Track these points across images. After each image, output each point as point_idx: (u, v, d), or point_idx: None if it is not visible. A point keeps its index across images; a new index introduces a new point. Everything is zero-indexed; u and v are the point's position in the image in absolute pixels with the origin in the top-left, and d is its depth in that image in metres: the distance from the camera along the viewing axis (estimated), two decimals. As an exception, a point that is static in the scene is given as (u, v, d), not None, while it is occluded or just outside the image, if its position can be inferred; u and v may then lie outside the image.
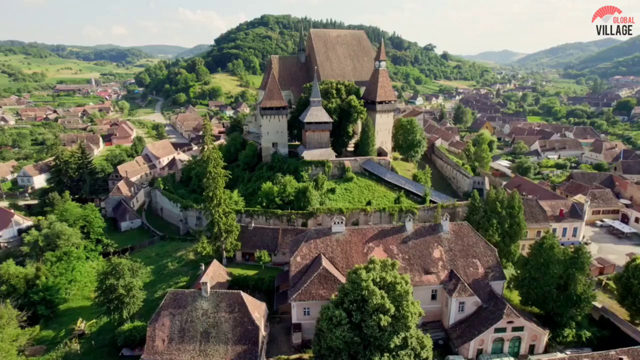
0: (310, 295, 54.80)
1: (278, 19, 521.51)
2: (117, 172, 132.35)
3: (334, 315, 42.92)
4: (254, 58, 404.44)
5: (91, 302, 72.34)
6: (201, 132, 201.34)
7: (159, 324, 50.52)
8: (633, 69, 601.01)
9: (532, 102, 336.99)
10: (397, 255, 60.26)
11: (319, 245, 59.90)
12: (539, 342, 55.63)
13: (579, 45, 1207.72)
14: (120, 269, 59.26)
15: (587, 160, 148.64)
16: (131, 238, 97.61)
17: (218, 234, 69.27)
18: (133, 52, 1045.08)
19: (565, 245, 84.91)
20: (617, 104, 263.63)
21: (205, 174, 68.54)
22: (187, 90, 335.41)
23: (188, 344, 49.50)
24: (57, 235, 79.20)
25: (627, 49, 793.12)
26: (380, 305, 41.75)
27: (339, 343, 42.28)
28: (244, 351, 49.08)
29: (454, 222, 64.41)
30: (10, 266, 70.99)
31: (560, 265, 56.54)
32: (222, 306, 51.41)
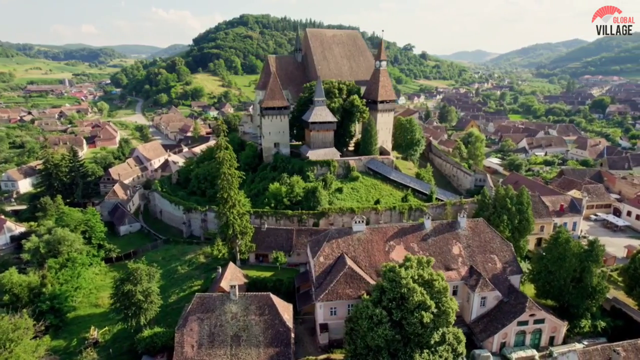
0: (337, 295, 54.71)
1: (257, 18, 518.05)
2: (108, 175, 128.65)
3: (374, 314, 43.01)
4: (236, 58, 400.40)
5: (101, 310, 70.46)
6: (189, 133, 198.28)
7: (187, 330, 49.45)
8: (601, 69, 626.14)
9: (510, 101, 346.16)
10: (418, 252, 60.74)
11: (341, 244, 59.85)
12: (559, 333, 57.26)
13: (548, 45, 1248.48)
14: (138, 274, 57.61)
15: (573, 157, 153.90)
16: (131, 242, 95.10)
17: (233, 235, 68.28)
18: (106, 52, 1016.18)
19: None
20: (593, 103, 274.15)
21: (219, 176, 67.42)
22: (168, 91, 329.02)
23: (218, 348, 48.62)
24: (59, 241, 76.36)
25: (594, 50, 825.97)
26: (421, 302, 42.13)
27: (380, 341, 42.41)
28: (277, 353, 48.60)
29: (470, 219, 65.38)
30: (12, 275, 68.02)
31: (576, 259, 58.34)
32: (252, 309, 50.77)
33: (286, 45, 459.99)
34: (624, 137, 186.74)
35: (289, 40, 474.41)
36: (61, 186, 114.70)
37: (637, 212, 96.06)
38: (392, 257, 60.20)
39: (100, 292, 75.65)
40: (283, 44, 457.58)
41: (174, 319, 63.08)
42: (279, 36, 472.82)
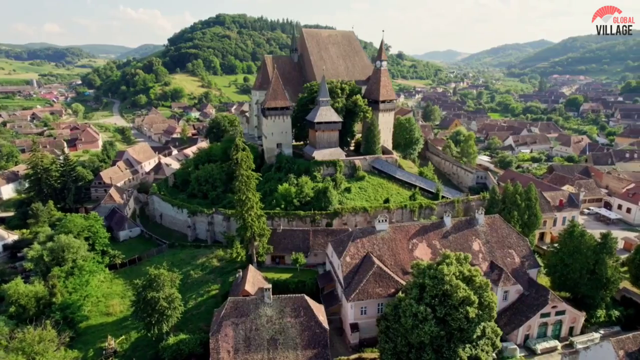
0: (368, 294, 54.95)
1: (234, 18, 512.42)
2: (99, 179, 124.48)
3: (418, 311, 43.40)
4: (214, 58, 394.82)
5: (113, 318, 68.29)
6: (176, 134, 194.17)
7: (222, 335, 48.53)
8: (568, 69, 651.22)
9: (488, 100, 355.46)
10: (440, 250, 61.70)
11: (366, 244, 60.11)
12: (577, 324, 59.36)
13: (517, 46, 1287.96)
14: (161, 280, 56.12)
15: (557, 154, 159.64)
16: (132, 248, 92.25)
17: (251, 237, 67.42)
18: (73, 52, 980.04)
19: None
20: (567, 101, 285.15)
21: (237, 177, 66.41)
22: (146, 92, 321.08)
23: (255, 353, 47.95)
24: (62, 248, 73.29)
25: (560, 50, 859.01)
26: (465, 298, 42.83)
27: (425, 338, 42.87)
28: (315, 355, 48.34)
29: (487, 215, 66.85)
30: (19, 285, 64.93)
31: (591, 251, 60.61)
32: (287, 311, 50.30)
33: (265, 45, 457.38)
34: (601, 134, 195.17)
35: (267, 40, 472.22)
36: (52, 191, 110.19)
37: (628, 206, 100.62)
38: (415, 255, 60.98)
39: (108, 299, 73.18)
40: (262, 44, 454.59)
41: (195, 324, 62.05)
42: (257, 36, 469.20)
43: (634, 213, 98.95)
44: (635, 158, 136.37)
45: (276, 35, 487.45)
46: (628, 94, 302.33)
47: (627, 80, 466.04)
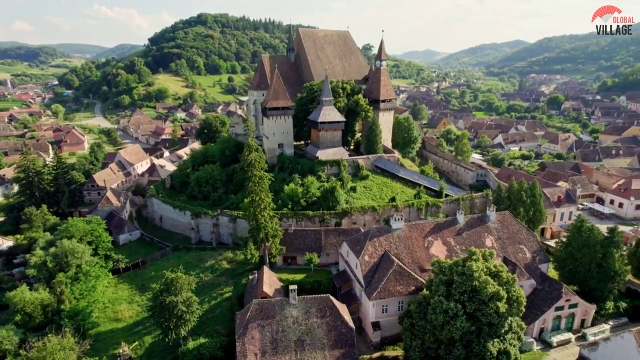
0: (389, 292, 55.28)
1: (216, 18, 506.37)
2: (92, 182, 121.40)
3: (449, 308, 43.88)
4: (198, 58, 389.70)
5: (123, 324, 66.70)
6: (165, 135, 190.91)
7: (249, 338, 48.03)
8: (545, 68, 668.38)
9: (471, 99, 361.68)
10: (455, 247, 62.68)
11: (383, 243, 60.42)
12: (589, 316, 61.08)
13: (494, 46, 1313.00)
14: (180, 284, 55.14)
15: (546, 151, 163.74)
16: (134, 252, 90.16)
17: (265, 239, 66.90)
18: (46, 52, 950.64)
19: (563, 228, 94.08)
20: (549, 100, 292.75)
21: (250, 178, 65.81)
22: (130, 93, 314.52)
23: (283, 355, 47.62)
24: (67, 254, 71.16)
25: (536, 50, 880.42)
26: (495, 294, 43.53)
27: (457, 334, 43.39)
28: (343, 355, 48.33)
29: (498, 212, 67.98)
30: (25, 293, 62.79)
31: (599, 245, 62.43)
32: (313, 312, 50.16)
33: (248, 45, 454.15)
34: (584, 132, 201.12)
35: (251, 40, 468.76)
36: (45, 195, 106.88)
37: (619, 201, 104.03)
38: (432, 252, 61.63)
39: (115, 305, 71.41)
40: (245, 44, 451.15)
41: (212, 328, 61.30)
42: (240, 36, 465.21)
43: (626, 208, 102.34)
44: (621, 155, 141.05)
45: (260, 35, 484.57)
46: (605, 93, 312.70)
47: (602, 79, 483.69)
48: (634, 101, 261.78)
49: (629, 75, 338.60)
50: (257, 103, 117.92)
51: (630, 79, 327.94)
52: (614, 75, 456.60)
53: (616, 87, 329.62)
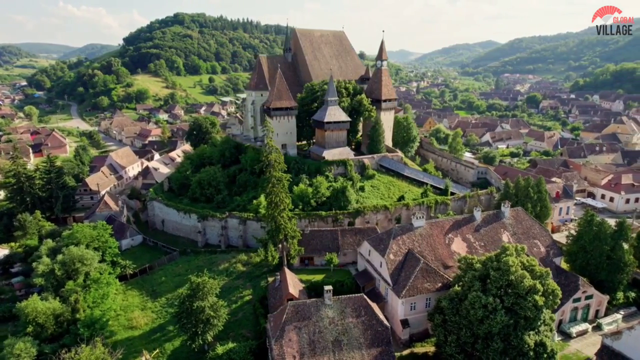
0: (417, 290, 55.84)
1: (193, 17, 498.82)
2: (85, 186, 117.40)
3: (488, 302, 44.70)
4: (177, 58, 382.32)
5: (139, 331, 64.90)
6: (152, 137, 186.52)
7: (286, 340, 47.57)
8: (517, 68, 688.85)
9: (451, 98, 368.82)
10: (474, 243, 63.93)
11: (406, 241, 60.97)
12: (602, 306, 63.45)
13: (466, 46, 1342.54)
14: (207, 289, 54.12)
15: (532, 149, 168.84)
16: (138, 257, 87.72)
17: (284, 239, 66.39)
18: (10, 51, 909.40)
19: (562, 222, 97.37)
20: (527, 99, 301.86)
21: (268, 179, 65.16)
22: (108, 94, 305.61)
23: (321, 355, 47.38)
24: (74, 261, 68.60)
25: (507, 51, 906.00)
26: (532, 287, 44.63)
27: (496, 328, 44.25)
28: (380, 353, 48.48)
29: (512, 208, 69.61)
30: (36, 302, 60.19)
31: (609, 237, 64.93)
32: (348, 311, 50.07)
33: (227, 45, 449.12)
34: (565, 129, 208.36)
35: (230, 39, 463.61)
36: (36, 200, 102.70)
37: (611, 195, 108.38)
38: (453, 249, 62.65)
39: (128, 312, 69.38)
40: (224, 44, 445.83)
41: (237, 332, 60.35)
42: (219, 36, 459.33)
43: (617, 202, 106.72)
44: (604, 151, 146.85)
45: (239, 35, 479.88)
46: (579, 92, 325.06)
47: (572, 79, 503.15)
48: (606, 100, 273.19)
49: (599, 75, 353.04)
50: (256, 103, 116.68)
51: (601, 78, 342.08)
52: (583, 75, 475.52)
53: (587, 86, 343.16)
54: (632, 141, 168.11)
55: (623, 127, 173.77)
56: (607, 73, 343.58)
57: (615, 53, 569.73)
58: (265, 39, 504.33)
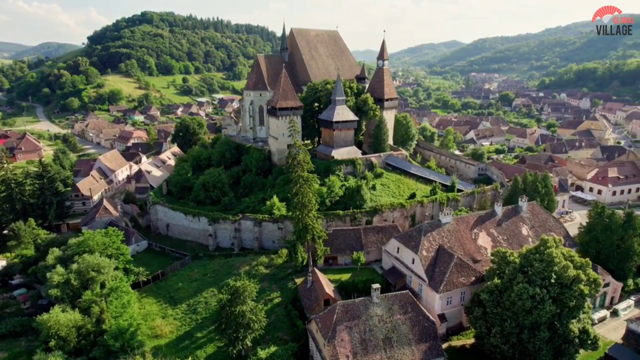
0: (454, 284, 57.06)
1: (162, 16, 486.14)
2: (76, 191, 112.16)
3: (535, 293, 46.25)
4: (149, 58, 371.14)
5: (165, 340, 62.93)
6: (136, 139, 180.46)
7: (338, 340, 47.53)
8: (483, 67, 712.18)
9: (425, 97, 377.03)
10: (497, 237, 65.90)
11: (436, 237, 62.05)
12: (617, 293, 66.96)
13: (432, 45, 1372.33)
14: (247, 292, 53.17)
15: (515, 145, 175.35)
16: (146, 263, 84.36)
17: (312, 240, 66.04)
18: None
19: (559, 215, 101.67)
20: (500, 97, 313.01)
21: (295, 179, 64.62)
22: (78, 95, 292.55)
23: (373, 354, 47.71)
24: (88, 270, 65.53)
25: (472, 50, 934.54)
26: (576, 276, 46.57)
27: (545, 318, 45.88)
28: (428, 348, 49.32)
29: (528, 202, 72.09)
30: (58, 315, 57.13)
31: (620, 228, 68.57)
32: (395, 309, 50.59)
33: (200, 45, 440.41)
34: (540, 126, 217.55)
35: (202, 39, 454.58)
36: (28, 207, 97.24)
37: (598, 188, 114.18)
38: (479, 243, 64.33)
39: (148, 321, 66.96)
40: (197, 43, 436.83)
41: (272, 335, 59.38)
42: (190, 35, 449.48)
43: (605, 194, 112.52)
44: (583, 147, 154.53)
45: (211, 35, 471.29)
46: (546, 90, 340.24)
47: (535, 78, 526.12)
48: (573, 98, 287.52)
49: (563, 74, 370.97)
50: (254, 103, 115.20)
51: (565, 77, 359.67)
52: (546, 74, 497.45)
53: (553, 85, 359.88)
54: (605, 137, 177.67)
55: (596, 123, 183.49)
56: (571, 72, 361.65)
57: (572, 53, 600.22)
58: (237, 39, 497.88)
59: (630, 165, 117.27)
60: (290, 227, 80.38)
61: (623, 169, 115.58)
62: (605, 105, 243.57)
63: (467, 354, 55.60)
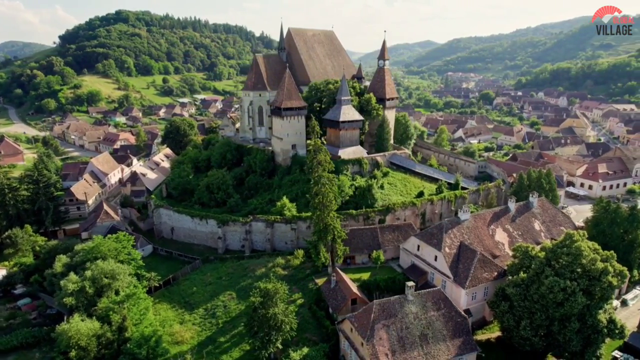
0: (478, 280, 58.21)
1: (138, 15, 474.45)
2: (70, 196, 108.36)
3: (567, 286, 47.72)
4: (128, 58, 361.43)
5: (186, 346, 61.59)
6: (123, 141, 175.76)
7: (377, 339, 47.77)
8: (459, 67, 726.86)
9: (406, 97, 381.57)
10: (513, 232, 67.63)
11: (457, 234, 63.14)
12: (625, 284, 69.65)
13: (407, 45, 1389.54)
14: (280, 294, 52.73)
15: (503, 142, 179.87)
16: (153, 268, 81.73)
17: (332, 240, 66.02)
18: None
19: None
20: (480, 96, 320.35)
21: (316, 180, 64.43)
22: (54, 96, 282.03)
23: (411, 351, 48.20)
24: (102, 277, 63.49)
25: (447, 50, 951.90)
26: (604, 268, 48.30)
27: (576, 309, 47.40)
28: (462, 343, 50.20)
29: (538, 198, 74.16)
30: (79, 324, 55.12)
31: (625, 221, 71.47)
32: (429, 305, 51.21)
33: (179, 44, 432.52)
34: (524, 124, 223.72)
35: (180, 39, 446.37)
36: (22, 213, 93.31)
37: (589, 183, 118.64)
38: (497, 239, 65.84)
39: (166, 327, 65.36)
40: (176, 43, 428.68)
41: (300, 336, 58.92)
42: (169, 35, 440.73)
43: (596, 189, 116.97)
44: (569, 144, 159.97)
45: (189, 34, 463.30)
46: (524, 90, 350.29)
47: (509, 77, 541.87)
48: (550, 96, 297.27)
49: (539, 74, 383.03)
50: (254, 104, 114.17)
51: (541, 77, 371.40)
52: (521, 73, 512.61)
53: (529, 84, 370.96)
54: (586, 134, 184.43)
55: (578, 121, 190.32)
56: (546, 72, 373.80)
57: (544, 54, 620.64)
58: (216, 39, 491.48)
59: (618, 161, 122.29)
60: (304, 228, 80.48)
61: (612, 165, 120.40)
62: (582, 104, 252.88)
63: (493, 348, 56.86)
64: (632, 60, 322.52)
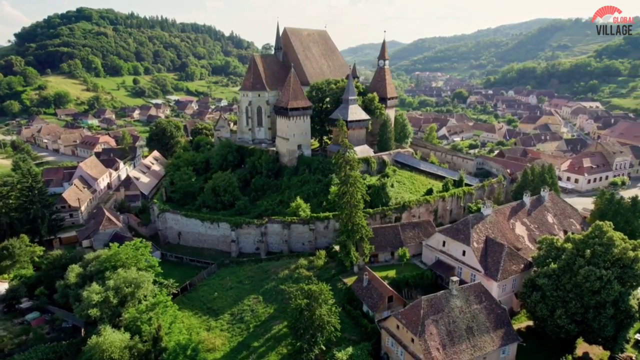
0: (508, 272, 60.19)
1: (102, 13, 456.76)
2: (63, 203, 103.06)
3: (602, 275, 50.16)
4: (95, 58, 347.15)
5: (220, 353, 60.23)
6: (104, 144, 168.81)
7: (428, 334, 48.50)
8: (426, 66, 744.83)
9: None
10: (530, 226, 70.31)
11: (482, 228, 64.97)
12: (630, 270, 73.90)
13: (372, 45, 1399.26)
14: (325, 295, 52.51)
15: (486, 140, 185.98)
16: (166, 274, 78.25)
17: (360, 240, 66.31)
18: None
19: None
20: (454, 95, 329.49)
21: (343, 180, 64.50)
22: (17, 97, 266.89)
23: (459, 344, 49.29)
24: (123, 286, 61.03)
25: (413, 50, 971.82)
26: (635, 257, 51.12)
27: (612, 297, 49.94)
28: (504, 334, 51.80)
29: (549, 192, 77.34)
30: (111, 336, 52.75)
31: (628, 212, 75.85)
32: (472, 299, 52.45)
33: (148, 44, 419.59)
34: (500, 122, 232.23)
35: (149, 38, 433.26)
36: (15, 223, 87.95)
37: (575, 177, 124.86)
38: (517, 233, 68.24)
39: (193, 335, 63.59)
40: (144, 43, 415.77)
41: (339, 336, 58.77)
42: (137, 34, 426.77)
43: (582, 182, 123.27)
44: (548, 140, 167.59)
45: (158, 34, 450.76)
46: (494, 88, 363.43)
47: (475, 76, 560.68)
48: (520, 95, 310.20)
49: (506, 73, 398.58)
50: (253, 104, 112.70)
51: (508, 76, 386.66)
52: (486, 73, 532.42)
53: (498, 83, 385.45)
54: (560, 130, 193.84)
55: (553, 118, 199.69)
56: (513, 71, 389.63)
57: (506, 54, 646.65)
58: (186, 38, 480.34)
59: (600, 156, 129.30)
60: (321, 229, 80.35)
61: (594, 159, 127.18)
62: (551, 102, 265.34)
63: (525, 337, 58.78)
64: (591, 60, 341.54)
